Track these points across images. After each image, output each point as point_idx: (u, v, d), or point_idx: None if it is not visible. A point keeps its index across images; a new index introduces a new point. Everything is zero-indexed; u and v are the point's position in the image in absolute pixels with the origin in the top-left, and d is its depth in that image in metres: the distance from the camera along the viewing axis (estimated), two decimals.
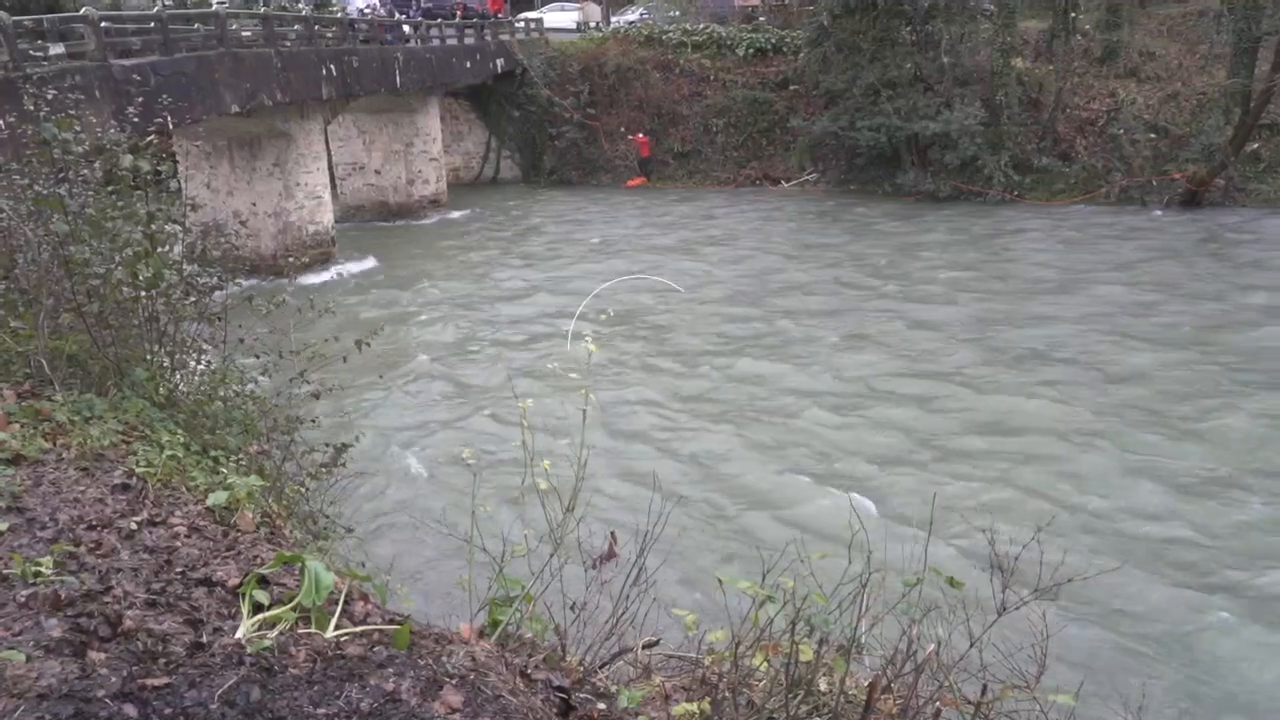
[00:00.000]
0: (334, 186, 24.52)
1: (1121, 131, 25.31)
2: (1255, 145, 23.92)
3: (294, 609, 2.39)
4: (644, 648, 2.82)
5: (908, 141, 26.19)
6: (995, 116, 25.49)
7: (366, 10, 30.44)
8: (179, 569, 2.82)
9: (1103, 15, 27.61)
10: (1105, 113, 26.16)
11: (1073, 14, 26.70)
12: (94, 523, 3.22)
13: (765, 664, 2.43)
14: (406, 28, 27.04)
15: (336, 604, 2.46)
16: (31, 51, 12.38)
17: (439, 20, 29.36)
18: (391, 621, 2.50)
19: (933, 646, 2.37)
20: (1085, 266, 18.76)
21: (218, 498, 3.58)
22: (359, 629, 2.41)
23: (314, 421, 6.43)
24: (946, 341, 14.48)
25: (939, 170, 26.01)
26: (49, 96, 5.88)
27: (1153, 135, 25.25)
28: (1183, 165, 24.06)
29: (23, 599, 2.39)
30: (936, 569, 2.41)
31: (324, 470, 6.07)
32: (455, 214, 27.01)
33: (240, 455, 4.93)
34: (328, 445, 6.30)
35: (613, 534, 3.09)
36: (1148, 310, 15.72)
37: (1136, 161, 24.97)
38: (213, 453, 4.64)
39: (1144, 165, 24.87)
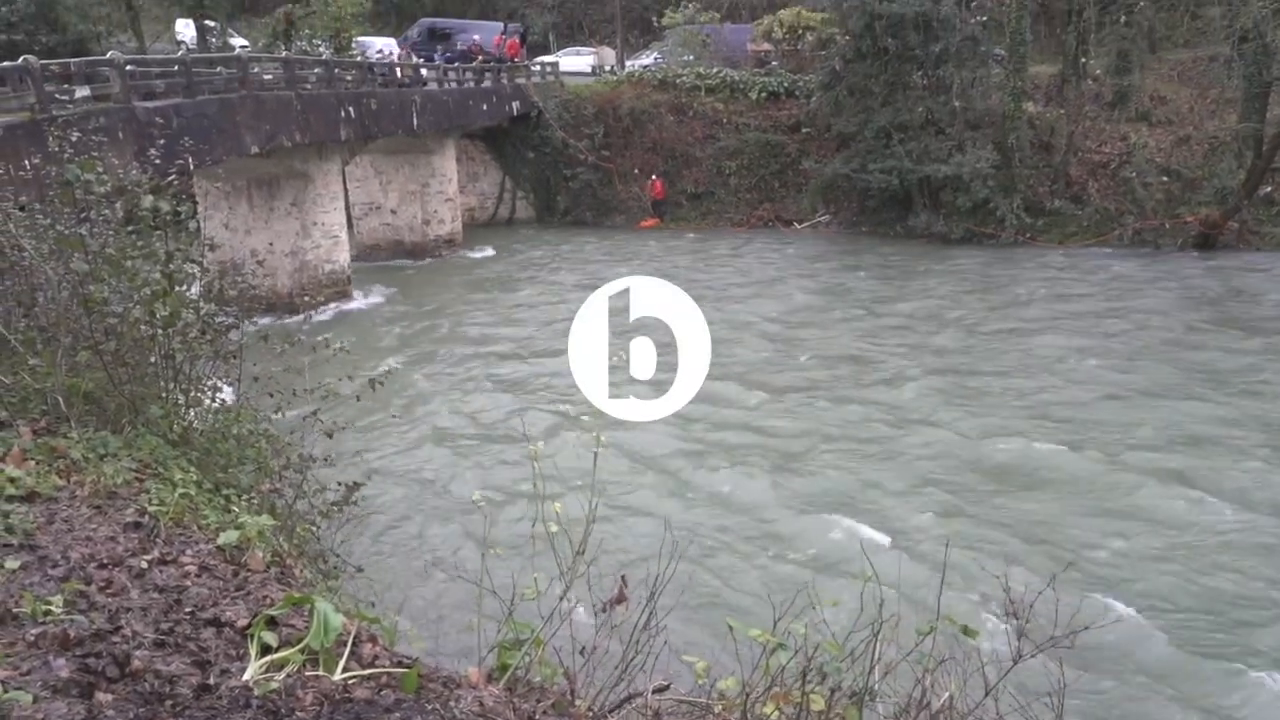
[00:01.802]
0: (350, 226, 24.79)
1: (1134, 175, 25.38)
2: (1268, 189, 23.94)
3: (302, 651, 2.38)
4: (654, 693, 2.78)
5: (920, 184, 26.32)
6: (1007, 160, 25.62)
7: (382, 53, 31.08)
8: (188, 609, 2.82)
9: (1113, 60, 27.82)
10: (1117, 156, 26.26)
11: (1083, 59, 26.92)
12: (105, 561, 3.22)
13: (777, 713, 2.40)
14: (425, 71, 27.51)
15: (345, 646, 2.45)
16: (58, 95, 12.65)
17: (456, 64, 29.90)
18: (400, 664, 2.48)
19: (947, 695, 2.33)
20: (1101, 308, 18.70)
21: (229, 536, 3.58)
22: (367, 672, 2.39)
23: (326, 459, 6.44)
24: (962, 382, 14.41)
25: (951, 212, 26.10)
26: (74, 139, 6.00)
27: (1165, 178, 25.31)
28: (1196, 208, 24.08)
29: (32, 638, 2.38)
30: (950, 617, 2.38)
31: (335, 509, 6.07)
32: (470, 253, 27.22)
33: (252, 493, 4.95)
34: (339, 484, 6.30)
35: (623, 578, 3.06)
36: (1167, 351, 15.61)
37: (1149, 204, 25.01)
38: (225, 491, 4.66)
39: (1157, 208, 24.89)
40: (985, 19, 26.75)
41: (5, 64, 12.71)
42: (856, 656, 2.33)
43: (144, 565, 3.16)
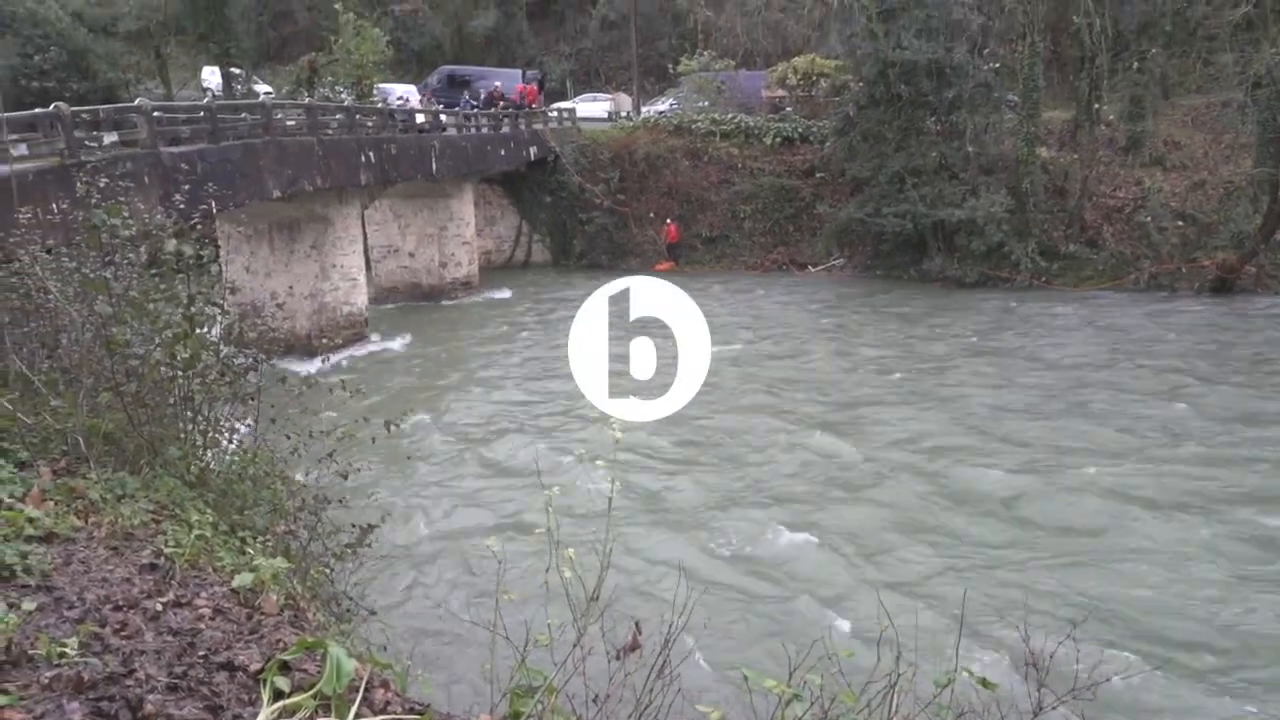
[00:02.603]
0: (369, 268, 25.05)
1: (1149, 219, 25.40)
2: None
3: (314, 696, 2.37)
4: None
5: (934, 228, 26.40)
6: (1021, 204, 25.70)
7: (403, 100, 31.67)
8: (202, 652, 2.81)
9: (1126, 106, 28.00)
10: (1132, 201, 26.30)
11: (1096, 105, 27.09)
12: (120, 603, 3.23)
13: None
14: (444, 117, 27.98)
15: (357, 692, 2.44)
16: (87, 141, 12.93)
17: (475, 111, 30.43)
18: (411, 710, 2.46)
19: None
20: (1120, 353, 18.58)
21: (243, 579, 3.58)
22: (379, 718, 2.38)
23: (341, 501, 6.45)
24: (981, 429, 14.31)
25: (965, 256, 26.13)
26: (101, 184, 6.13)
27: (1180, 223, 25.31)
28: (1212, 253, 24.04)
29: (46, 680, 2.39)
30: (969, 669, 2.34)
31: (349, 551, 6.07)
32: (486, 296, 27.43)
33: (267, 535, 4.95)
34: (354, 526, 6.31)
35: (636, 624, 3.04)
36: (1188, 397, 15.46)
37: (1165, 249, 24.98)
38: (240, 533, 4.67)
39: (1173, 252, 24.87)
40: (998, 66, 27.01)
41: (37, 110, 13.02)
42: (874, 708, 2.30)
43: (159, 608, 3.17)
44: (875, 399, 16.05)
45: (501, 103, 32.37)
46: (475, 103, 33.02)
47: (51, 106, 12.68)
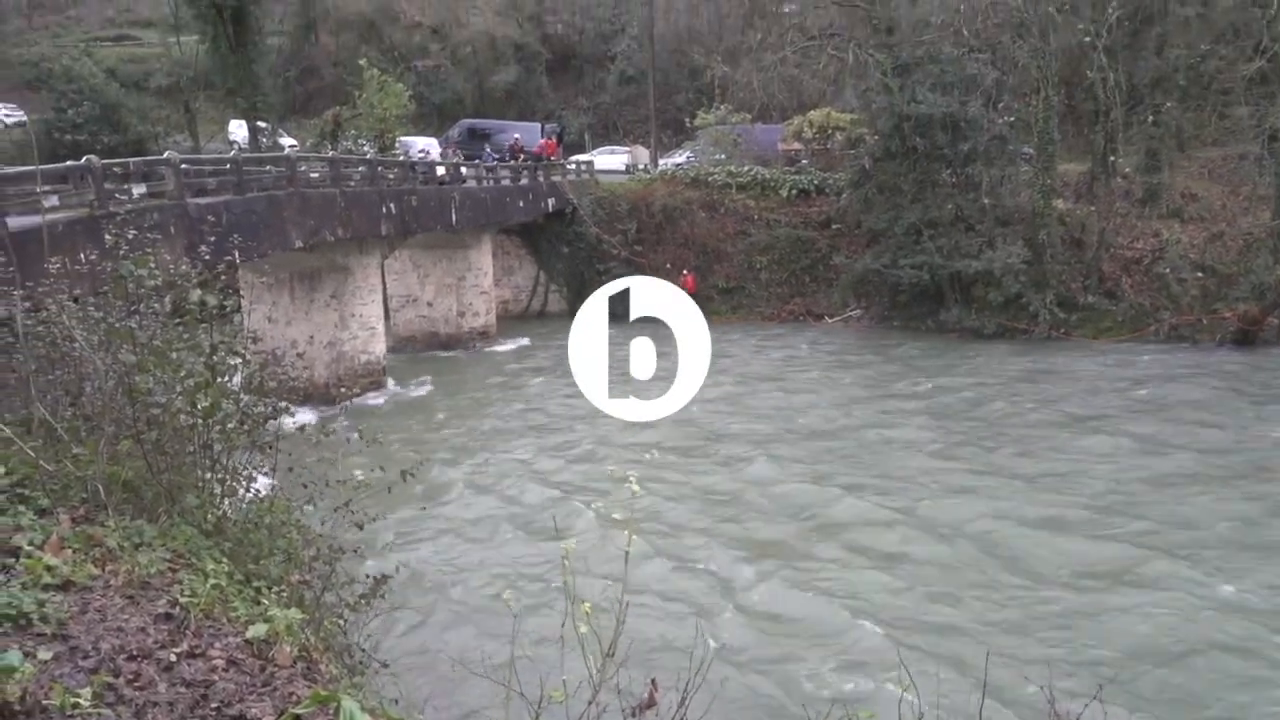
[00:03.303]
0: (387, 317, 25.28)
1: (1168, 270, 25.31)
2: None
3: None
4: None
5: (951, 279, 26.40)
6: (1038, 255, 25.68)
7: (424, 152, 32.24)
8: (214, 704, 2.79)
9: (1142, 159, 28.09)
10: (1150, 252, 26.26)
11: (1112, 157, 27.20)
12: (135, 653, 3.22)
13: None
14: (464, 169, 28.43)
15: None
16: (117, 194, 13.21)
17: (494, 164, 30.91)
18: None
19: None
20: (1140, 405, 18.39)
21: (257, 630, 3.57)
22: None
23: (356, 551, 6.43)
24: (1000, 483, 14.14)
25: (983, 307, 26.07)
26: (130, 236, 6.25)
27: (1200, 274, 25.22)
28: (1233, 304, 23.89)
29: None
30: None
31: (363, 602, 6.03)
32: (503, 345, 27.56)
33: (282, 585, 4.94)
34: (368, 576, 6.28)
35: (653, 681, 3.00)
36: (1210, 451, 15.24)
37: (1185, 300, 24.86)
38: (255, 582, 4.66)
39: (1193, 304, 24.74)
40: (1013, 119, 27.21)
41: (69, 163, 13.34)
42: None
43: (173, 658, 3.15)
44: (918, 472, 15.81)
45: (522, 155, 32.90)
46: (498, 155, 33.60)
47: (83, 159, 12.98)
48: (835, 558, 11.42)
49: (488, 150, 34.71)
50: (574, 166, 34.47)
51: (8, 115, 42.83)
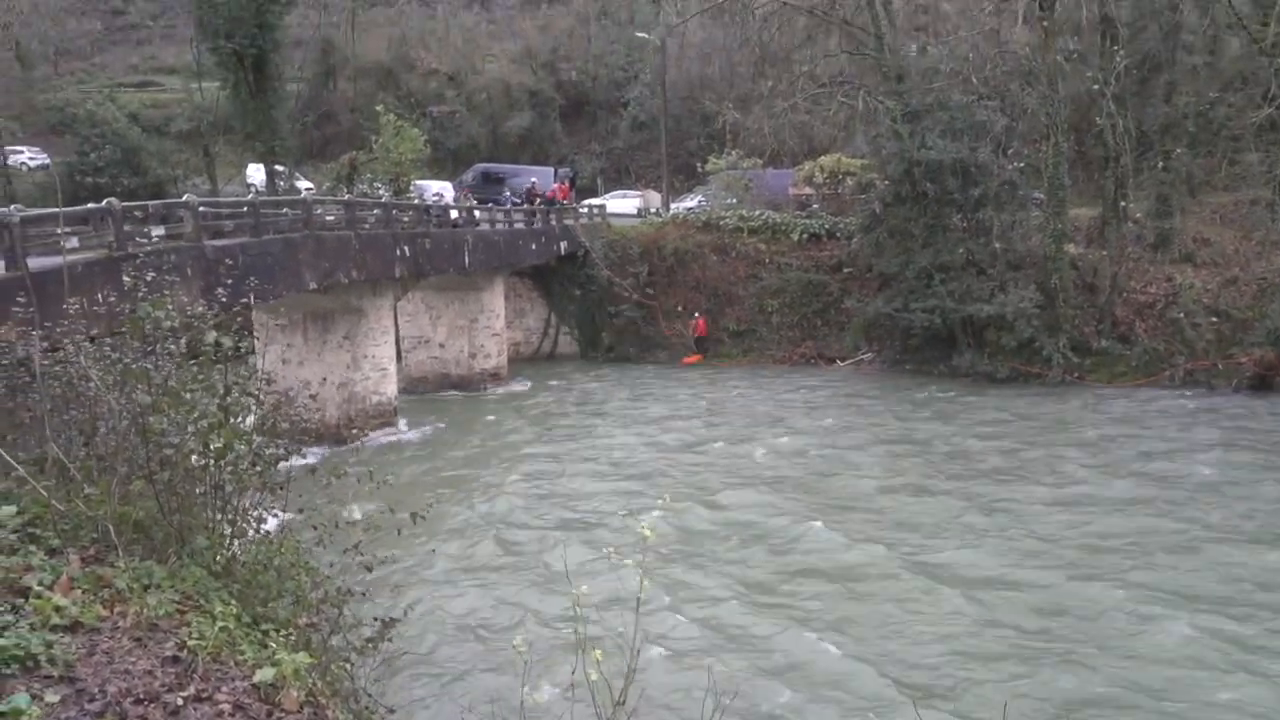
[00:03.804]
0: (399, 358, 25.36)
1: (1182, 315, 25.23)
2: None
3: None
4: None
5: (963, 323, 26.36)
6: (1050, 299, 25.64)
7: (439, 196, 32.65)
8: None
9: (1153, 204, 28.15)
10: (1163, 297, 26.18)
11: (1123, 203, 27.25)
12: (141, 696, 3.19)
13: None
14: (478, 213, 28.74)
15: None
16: (137, 237, 13.39)
17: (514, 206, 31.28)
18: None
19: None
20: (1158, 452, 18.20)
21: (265, 674, 3.54)
22: None
23: (364, 593, 6.39)
24: (1017, 531, 13.98)
25: (996, 351, 25.98)
26: (148, 278, 6.32)
27: (1215, 319, 25.12)
28: (1248, 349, 23.77)
29: None
30: None
31: (370, 645, 5.98)
32: (515, 387, 27.60)
33: (289, 628, 4.90)
34: (375, 619, 6.23)
35: None
36: (1230, 499, 15.04)
37: (1199, 345, 24.74)
38: (263, 625, 4.63)
39: (1208, 349, 24.61)
40: (1023, 165, 27.36)
41: (90, 205, 13.55)
42: None
43: (179, 702, 3.13)
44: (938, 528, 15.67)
45: (538, 200, 33.30)
46: (517, 199, 34.01)
47: (104, 202, 13.18)
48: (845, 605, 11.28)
49: (507, 194, 35.17)
50: (586, 210, 34.80)
51: (32, 158, 43.68)
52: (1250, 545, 12.82)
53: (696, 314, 31.22)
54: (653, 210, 38.94)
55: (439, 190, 34.53)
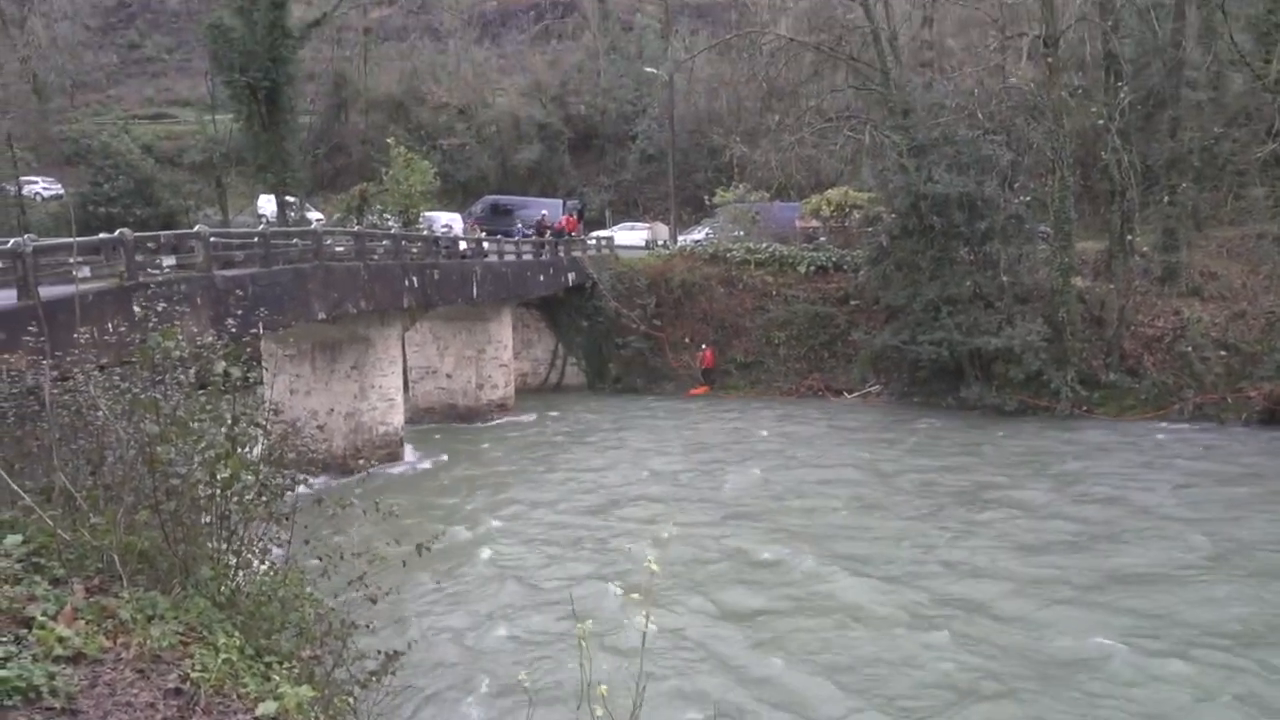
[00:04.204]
0: (406, 388, 25.41)
1: (1190, 349, 25.15)
2: None
3: None
4: None
5: (970, 355, 26.31)
6: (1058, 333, 25.60)
7: (448, 227, 32.86)
8: None
9: (1159, 237, 28.19)
10: (1171, 330, 26.13)
11: (1129, 236, 27.28)
12: None
13: None
14: (486, 244, 28.93)
15: None
16: (150, 269, 13.51)
17: (525, 239, 31.48)
18: None
19: None
20: (1176, 490, 18.03)
21: (267, 708, 3.51)
22: None
23: (368, 626, 6.34)
24: (1032, 574, 13.85)
25: (1003, 384, 25.90)
26: (159, 308, 6.36)
27: (1223, 353, 25.03)
28: (1258, 383, 23.67)
29: None
30: None
31: (374, 679, 5.93)
32: (522, 418, 27.55)
33: (293, 660, 4.87)
34: (380, 651, 6.18)
35: None
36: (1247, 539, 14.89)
37: (1208, 379, 24.64)
38: (267, 657, 4.60)
39: (1217, 382, 24.51)
40: (1029, 199, 27.45)
41: (103, 236, 13.68)
42: None
43: None
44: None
45: (548, 232, 33.53)
46: (529, 231, 34.28)
47: (116, 232, 13.31)
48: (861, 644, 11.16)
49: (519, 226, 35.44)
50: (594, 242, 34.98)
51: (46, 188, 44.21)
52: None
53: (704, 345, 31.24)
54: (660, 242, 39.12)
55: (448, 222, 34.75)
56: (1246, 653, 10.45)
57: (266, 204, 39.22)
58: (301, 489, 6.35)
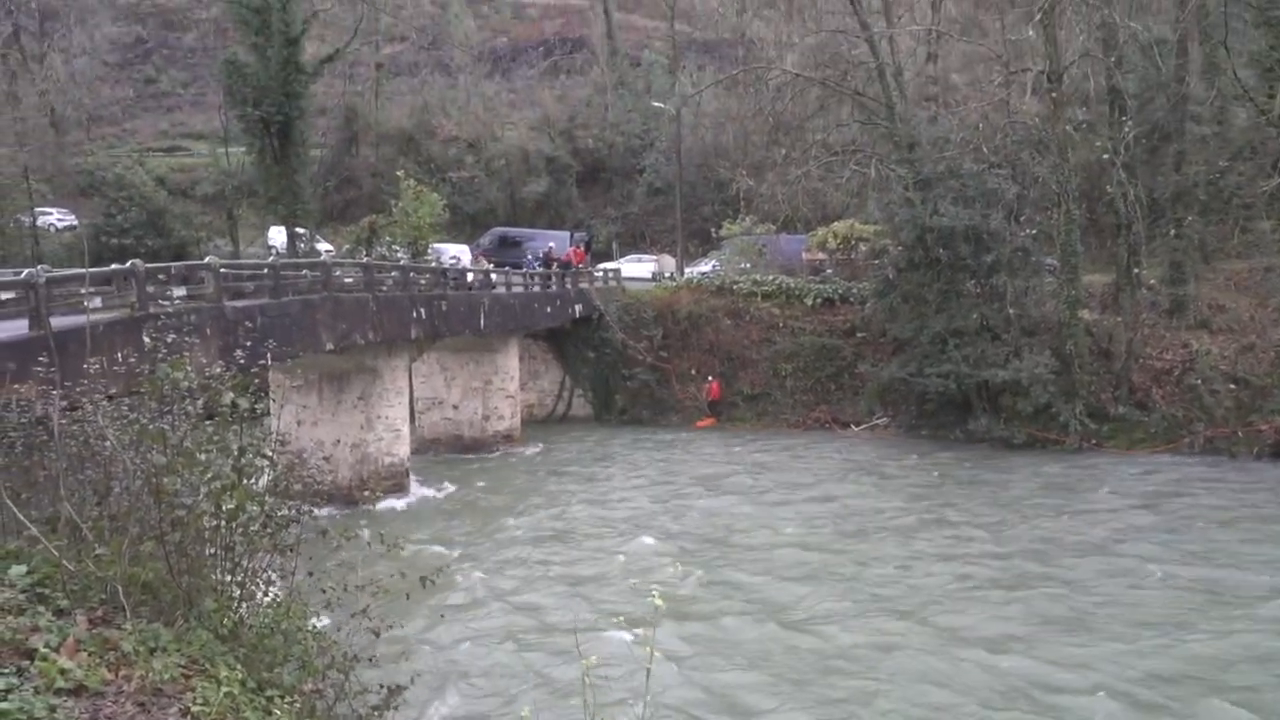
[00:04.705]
0: (412, 419, 25.39)
1: (1199, 382, 25.03)
2: None
3: None
4: None
5: (978, 388, 26.24)
6: (1066, 365, 25.52)
7: (456, 259, 33.08)
8: None
9: (1166, 270, 28.18)
10: (1180, 363, 26.02)
11: (1136, 269, 27.28)
12: None
13: None
14: (494, 276, 29.08)
15: None
16: (160, 300, 13.60)
17: (534, 271, 31.67)
18: None
19: None
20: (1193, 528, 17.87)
21: None
22: None
23: (371, 659, 6.31)
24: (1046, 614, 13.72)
25: (1012, 417, 25.79)
26: (168, 339, 6.41)
27: (1233, 386, 24.91)
28: (1269, 416, 23.53)
29: None
30: None
31: (376, 713, 5.88)
32: (528, 450, 27.50)
33: (294, 695, 4.84)
34: (382, 685, 6.14)
35: None
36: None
37: (1218, 412, 24.50)
38: (268, 691, 4.58)
39: (1227, 416, 24.36)
40: (1035, 232, 27.51)
41: (115, 267, 13.79)
42: None
43: None
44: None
45: (555, 264, 33.72)
46: (537, 262, 34.50)
47: (128, 263, 13.42)
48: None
49: (530, 258, 35.66)
50: (601, 274, 35.13)
51: (60, 219, 44.67)
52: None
53: (710, 377, 31.22)
54: (667, 274, 39.26)
55: (455, 254, 34.99)
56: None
57: (277, 235, 39.56)
58: (307, 520, 6.35)
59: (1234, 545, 16.16)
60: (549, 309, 30.08)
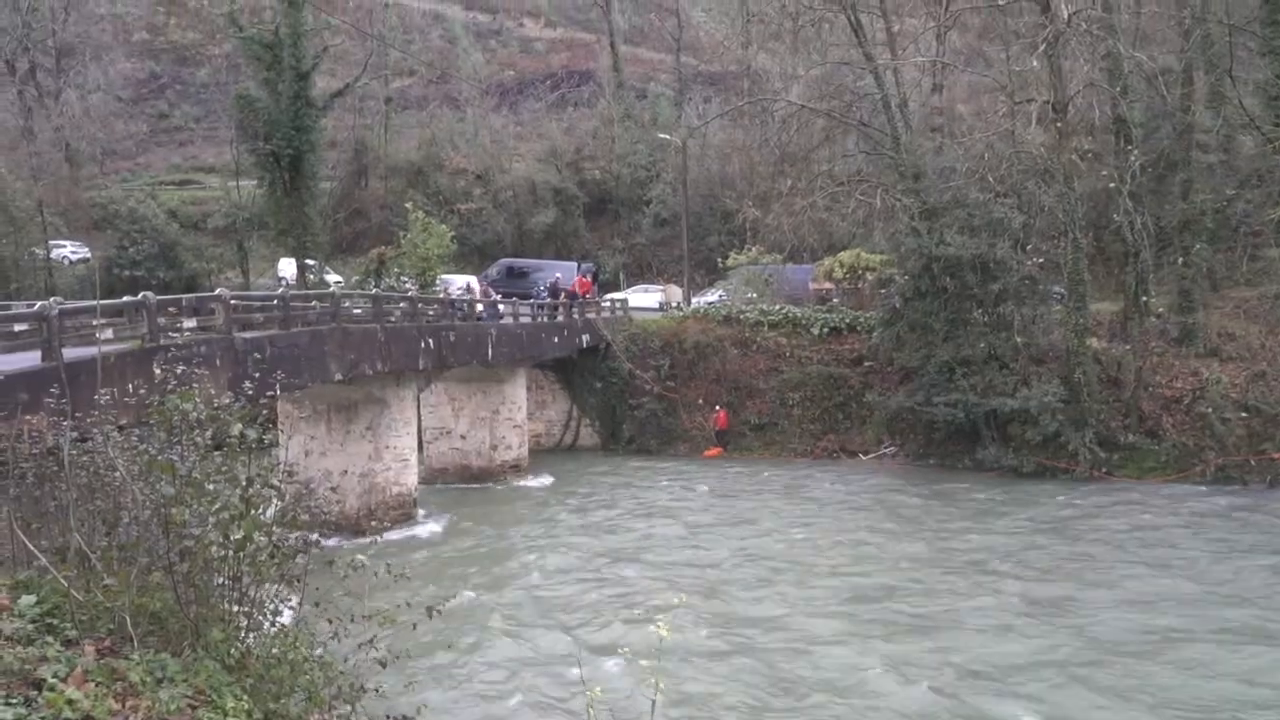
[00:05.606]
0: (420, 449, 25.41)
1: (1210, 410, 24.89)
2: None
3: None
4: None
5: (986, 417, 26.13)
6: (1075, 394, 25.42)
7: (464, 290, 33.25)
8: None
9: (1175, 299, 28.13)
10: (1190, 391, 25.89)
11: (1144, 297, 27.24)
12: None
13: None
14: (502, 306, 29.22)
15: None
16: (170, 332, 13.71)
17: (542, 301, 31.85)
18: None
19: None
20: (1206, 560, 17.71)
21: None
22: None
23: (378, 690, 6.27)
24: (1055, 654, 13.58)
25: (1020, 445, 25.66)
26: (178, 371, 6.46)
27: (1244, 414, 24.76)
28: None
29: None
30: None
31: None
32: (535, 480, 27.45)
33: None
34: (388, 717, 6.11)
35: None
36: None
37: (1230, 440, 24.34)
38: None
39: (1239, 444, 24.20)
40: (1042, 260, 27.53)
41: (126, 299, 13.94)
42: None
43: None
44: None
45: (562, 294, 33.88)
46: (547, 292, 34.72)
47: (140, 295, 13.55)
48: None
49: (539, 287, 35.87)
50: (608, 304, 35.26)
51: (74, 252, 45.17)
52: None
53: (717, 407, 31.19)
54: (674, 304, 39.39)
55: (463, 285, 35.17)
56: None
57: (287, 267, 39.89)
58: (314, 550, 6.34)
59: None
60: (556, 339, 30.18)
